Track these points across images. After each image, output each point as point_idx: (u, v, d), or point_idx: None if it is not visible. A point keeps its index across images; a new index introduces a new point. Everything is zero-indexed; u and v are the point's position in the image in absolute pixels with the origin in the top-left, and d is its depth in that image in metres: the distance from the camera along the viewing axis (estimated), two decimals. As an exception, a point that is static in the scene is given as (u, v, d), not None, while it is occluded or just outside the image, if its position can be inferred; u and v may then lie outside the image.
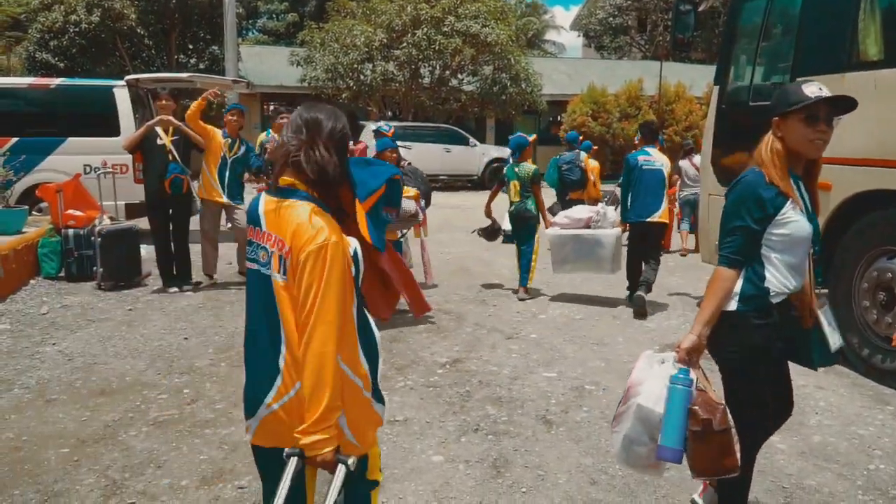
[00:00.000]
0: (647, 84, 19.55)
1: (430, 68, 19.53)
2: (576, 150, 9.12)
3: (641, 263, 6.24)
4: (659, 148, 6.52)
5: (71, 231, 6.84)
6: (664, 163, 6.24)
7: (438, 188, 16.65)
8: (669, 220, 7.03)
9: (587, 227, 6.38)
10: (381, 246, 4.58)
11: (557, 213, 6.99)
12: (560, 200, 8.86)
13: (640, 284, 6.09)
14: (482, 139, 21.14)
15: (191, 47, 23.65)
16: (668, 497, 2.98)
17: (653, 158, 6.20)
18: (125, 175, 8.21)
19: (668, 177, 6.36)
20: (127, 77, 9.11)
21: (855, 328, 4.58)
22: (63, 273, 6.88)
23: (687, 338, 2.27)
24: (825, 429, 3.72)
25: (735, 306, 2.30)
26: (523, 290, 6.56)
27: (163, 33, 22.34)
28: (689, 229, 9.04)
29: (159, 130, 6.37)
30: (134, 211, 8.13)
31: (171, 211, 6.49)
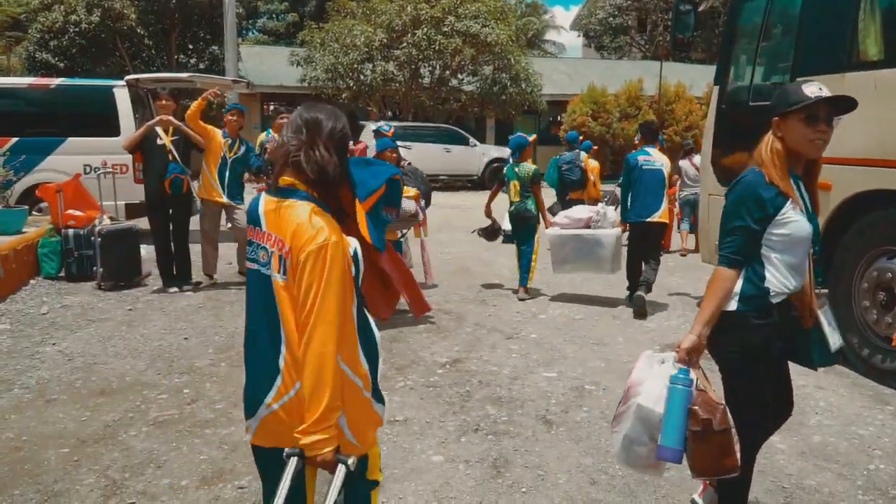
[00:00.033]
0: (647, 84, 19.56)
1: (430, 68, 19.54)
2: (576, 150, 9.13)
3: (641, 263, 6.26)
4: (659, 148, 6.53)
5: (71, 231, 6.84)
6: (664, 163, 6.25)
7: (438, 188, 16.64)
8: (669, 220, 7.04)
9: (587, 227, 6.39)
10: (381, 246, 4.58)
11: (557, 213, 6.99)
12: (560, 200, 8.87)
13: (640, 284, 6.09)
14: (482, 139, 21.13)
15: (191, 47, 23.65)
16: (669, 497, 2.98)
17: (653, 158, 6.21)
18: (125, 175, 8.22)
19: (668, 177, 6.37)
20: (127, 77, 9.12)
21: (855, 328, 4.58)
22: (63, 273, 6.88)
23: (687, 338, 2.28)
24: (825, 429, 3.72)
25: (735, 306, 2.30)
26: (523, 290, 6.56)
27: (163, 33, 22.35)
28: (689, 229, 9.04)
29: (159, 130, 6.37)
30: (134, 211, 8.13)
31: (171, 211, 6.49)
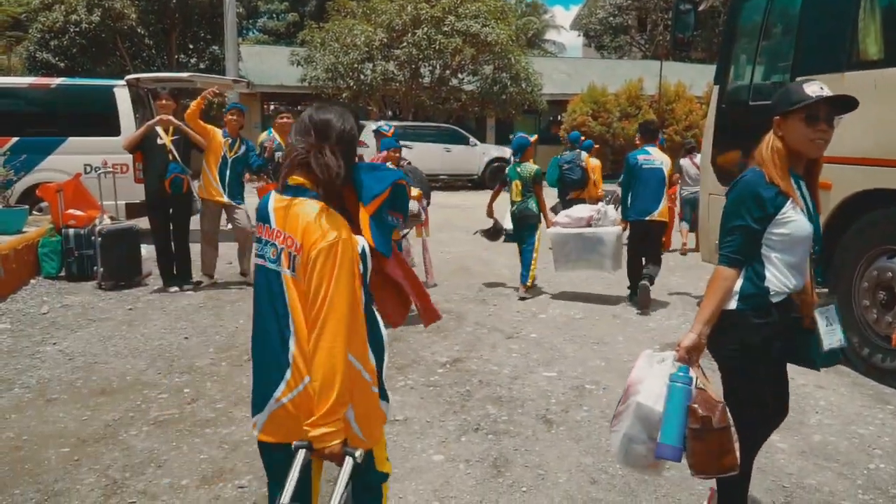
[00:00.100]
0: (648, 83, 19.57)
1: (431, 68, 19.54)
2: (576, 150, 9.13)
3: (642, 262, 6.31)
4: (660, 147, 6.54)
5: (71, 231, 6.84)
6: (664, 161, 6.28)
7: (439, 188, 16.66)
8: (670, 219, 7.05)
9: (588, 226, 6.43)
10: (386, 251, 4.57)
11: (559, 213, 7.01)
12: (560, 200, 8.87)
13: (644, 277, 6.18)
14: (482, 139, 21.13)
15: (191, 47, 23.67)
16: (669, 496, 2.98)
17: (653, 157, 6.25)
18: (125, 175, 8.23)
19: (669, 175, 6.39)
20: (127, 77, 9.12)
21: (855, 327, 4.58)
22: (63, 273, 6.88)
23: (687, 336, 2.27)
24: (825, 428, 3.72)
25: (735, 305, 2.30)
26: (524, 288, 6.57)
27: (163, 33, 22.35)
28: (689, 227, 9.03)
29: (159, 130, 6.37)
30: (134, 210, 8.13)
31: (172, 210, 6.49)
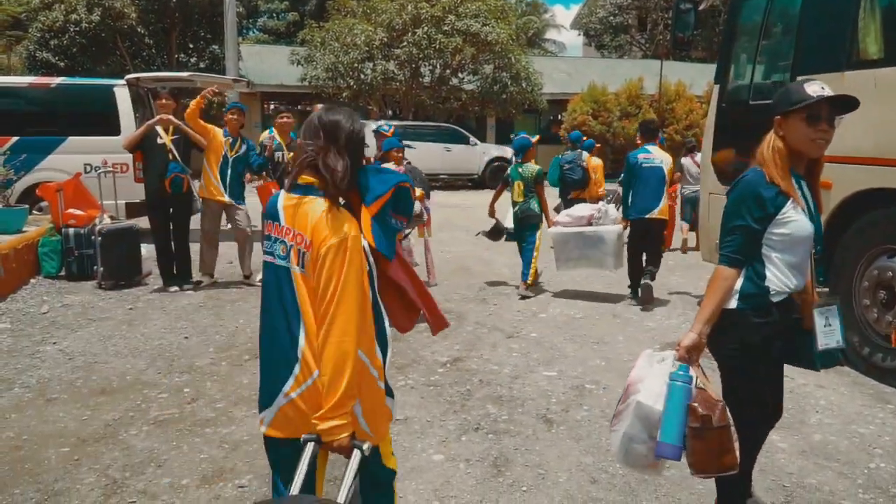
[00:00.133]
0: (648, 83, 19.55)
1: (431, 67, 19.53)
2: (578, 150, 9.12)
3: (642, 260, 6.35)
4: (660, 146, 6.56)
5: (71, 230, 6.84)
6: (664, 160, 6.30)
7: (439, 187, 16.65)
8: (670, 218, 7.05)
9: (589, 225, 6.46)
10: (389, 254, 4.57)
11: (560, 212, 7.03)
12: (562, 199, 8.87)
13: (645, 274, 6.21)
14: (483, 138, 21.13)
15: (191, 46, 23.67)
16: (669, 496, 2.97)
17: (653, 156, 6.27)
18: (125, 174, 8.23)
19: (670, 174, 6.41)
20: (127, 76, 9.12)
21: (855, 327, 4.58)
22: (63, 272, 6.88)
23: (687, 336, 2.27)
24: (826, 427, 3.72)
25: (735, 304, 2.30)
26: (524, 286, 6.57)
27: (163, 32, 22.36)
28: (689, 226, 9.02)
29: (159, 129, 6.37)
30: (134, 210, 8.14)
31: (172, 210, 6.49)
